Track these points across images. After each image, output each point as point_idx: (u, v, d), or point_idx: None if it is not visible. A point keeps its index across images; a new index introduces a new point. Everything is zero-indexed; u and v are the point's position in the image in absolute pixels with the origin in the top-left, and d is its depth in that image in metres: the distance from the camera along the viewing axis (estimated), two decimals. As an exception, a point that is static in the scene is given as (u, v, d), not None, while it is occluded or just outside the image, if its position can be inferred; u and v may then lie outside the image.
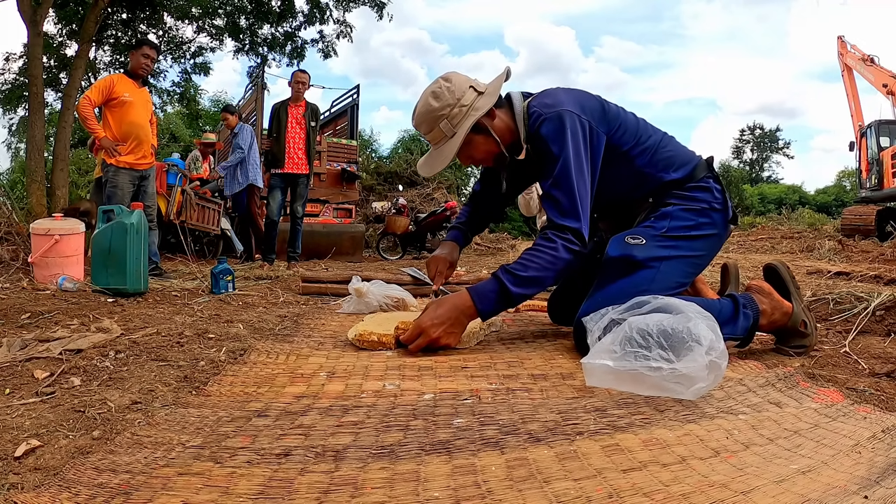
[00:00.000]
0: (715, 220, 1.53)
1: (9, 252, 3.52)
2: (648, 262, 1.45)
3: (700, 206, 1.52)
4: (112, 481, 0.71)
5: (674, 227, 1.49)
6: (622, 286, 1.43)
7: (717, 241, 1.58)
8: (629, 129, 1.56)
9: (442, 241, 1.91)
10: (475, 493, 0.70)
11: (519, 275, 1.43)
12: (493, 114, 1.55)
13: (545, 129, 1.48)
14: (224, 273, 2.73)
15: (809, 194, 29.05)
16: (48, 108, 11.28)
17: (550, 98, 1.54)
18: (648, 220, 1.54)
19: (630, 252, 1.46)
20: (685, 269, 1.50)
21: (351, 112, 8.59)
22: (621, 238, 1.51)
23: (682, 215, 1.51)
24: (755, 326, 1.43)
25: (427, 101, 1.53)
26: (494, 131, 1.55)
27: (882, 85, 10.20)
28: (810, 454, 0.82)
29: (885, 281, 3.03)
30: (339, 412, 1.00)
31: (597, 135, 1.50)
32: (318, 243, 6.23)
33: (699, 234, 1.51)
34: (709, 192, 1.54)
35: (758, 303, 1.44)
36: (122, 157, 3.55)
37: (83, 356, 1.33)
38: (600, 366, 1.14)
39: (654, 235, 1.49)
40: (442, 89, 1.51)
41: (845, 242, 6.93)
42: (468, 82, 1.54)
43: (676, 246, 1.48)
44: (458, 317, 1.45)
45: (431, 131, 1.55)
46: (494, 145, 1.56)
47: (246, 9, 11.88)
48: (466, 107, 1.51)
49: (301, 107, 4.78)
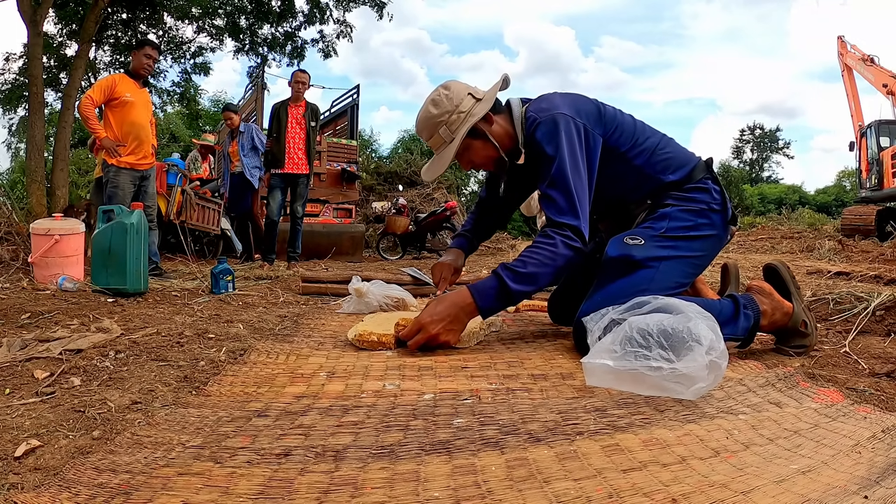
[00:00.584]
0: (714, 220, 1.54)
1: (9, 252, 3.52)
2: (647, 262, 1.45)
3: (699, 207, 1.53)
4: (112, 481, 0.71)
5: (672, 228, 1.50)
6: (621, 286, 1.43)
7: (716, 242, 1.58)
8: (626, 130, 1.57)
9: (447, 248, 1.94)
10: (475, 493, 0.70)
11: (518, 271, 1.44)
12: (491, 119, 1.57)
13: (540, 133, 1.50)
14: (224, 273, 2.73)
15: (809, 194, 29.07)
16: (48, 108, 11.29)
17: (546, 103, 1.56)
18: (647, 221, 1.54)
19: (629, 252, 1.47)
20: (684, 270, 1.50)
21: (351, 112, 8.60)
22: (620, 238, 1.51)
23: (681, 216, 1.51)
24: (756, 327, 1.43)
25: (427, 109, 1.57)
26: (493, 136, 1.57)
27: (882, 85, 10.20)
28: (810, 454, 0.82)
29: (885, 281, 3.03)
30: (339, 412, 1.00)
31: (592, 137, 1.51)
32: (318, 243, 6.23)
33: (698, 234, 1.51)
34: (707, 193, 1.55)
35: (758, 303, 1.44)
36: (122, 158, 3.56)
37: (83, 356, 1.33)
38: (600, 365, 1.14)
39: (652, 236, 1.49)
40: (441, 97, 1.55)
41: (845, 242, 6.93)
42: (467, 90, 1.57)
43: (675, 246, 1.48)
44: (457, 314, 1.46)
45: (432, 137, 1.59)
46: (493, 150, 1.58)
47: (246, 9, 11.88)
48: (464, 113, 1.54)
49: (301, 107, 4.78)
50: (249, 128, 5.44)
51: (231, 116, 5.55)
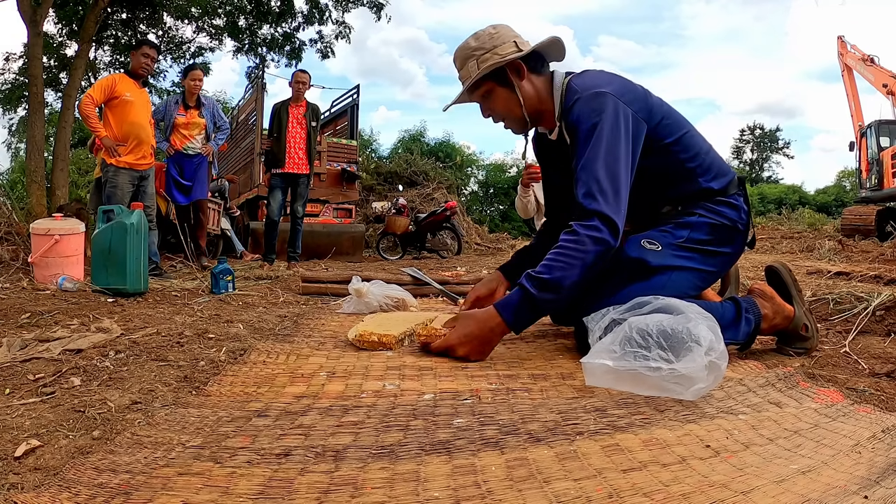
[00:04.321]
0: (735, 239, 1.51)
1: (9, 252, 3.52)
2: (662, 270, 1.42)
3: (723, 223, 1.48)
4: (112, 481, 0.71)
5: (693, 239, 1.46)
6: (632, 292, 1.37)
7: (730, 260, 1.55)
8: (673, 122, 1.49)
9: (489, 276, 1.85)
10: (475, 493, 0.70)
11: (542, 279, 1.32)
12: (525, 75, 1.51)
13: (580, 107, 1.41)
14: (224, 273, 2.73)
15: (809, 194, 29.03)
16: (48, 108, 11.30)
17: (591, 79, 1.49)
18: (669, 224, 1.49)
19: (645, 257, 1.43)
20: (695, 283, 1.47)
21: (351, 112, 8.60)
22: (637, 240, 1.46)
23: (704, 229, 1.47)
24: (756, 331, 1.42)
25: (467, 40, 1.53)
26: (520, 91, 1.51)
27: (882, 85, 10.20)
28: (810, 454, 0.82)
29: (885, 281, 3.03)
30: (339, 412, 1.00)
31: (637, 122, 1.41)
32: (318, 243, 6.23)
33: (715, 250, 1.48)
34: (736, 211, 1.50)
35: (760, 307, 1.42)
36: (122, 158, 3.56)
37: (83, 356, 1.33)
38: (600, 365, 1.14)
39: (670, 243, 1.45)
40: (485, 33, 1.51)
41: (845, 242, 6.93)
42: (514, 37, 1.50)
43: (692, 258, 1.45)
44: (486, 335, 1.37)
45: (461, 69, 1.54)
46: (517, 106, 1.52)
47: (245, 9, 11.88)
48: (499, 57, 1.48)
49: (302, 107, 4.78)
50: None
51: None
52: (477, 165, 24.09)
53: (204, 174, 4.55)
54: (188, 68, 4.63)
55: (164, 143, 4.37)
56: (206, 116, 4.48)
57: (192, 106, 4.41)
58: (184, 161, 4.43)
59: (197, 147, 4.42)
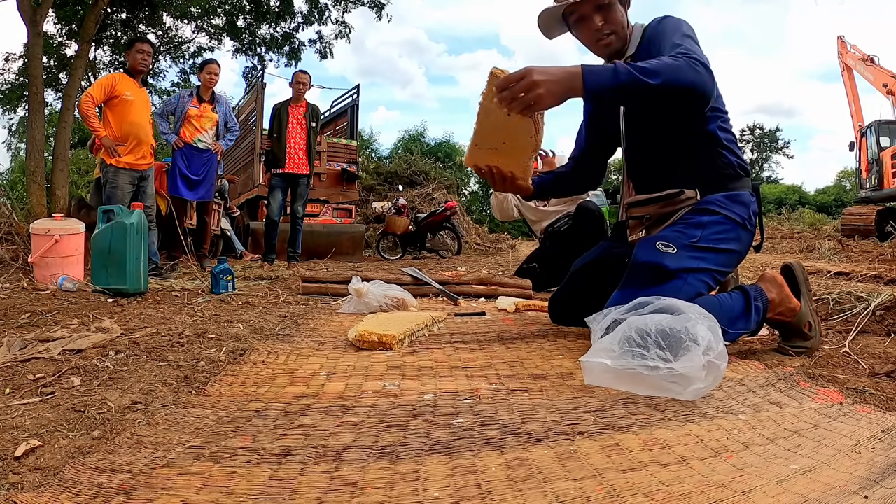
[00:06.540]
0: (743, 238, 1.53)
1: (9, 252, 3.52)
2: (678, 274, 1.43)
3: (735, 220, 1.50)
4: (112, 481, 0.71)
5: (706, 238, 1.47)
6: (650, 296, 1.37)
7: (738, 259, 1.57)
8: (721, 100, 1.55)
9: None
10: (475, 493, 0.70)
11: (635, 63, 1.32)
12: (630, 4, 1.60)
13: (668, 21, 1.50)
14: (224, 273, 2.73)
15: (809, 194, 29.02)
16: (48, 108, 11.28)
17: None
18: (680, 224, 1.51)
19: (661, 261, 1.43)
20: (708, 283, 1.49)
21: (351, 112, 8.59)
22: (652, 242, 1.48)
23: (716, 227, 1.49)
24: (764, 318, 1.45)
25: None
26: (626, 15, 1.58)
27: (882, 85, 10.20)
28: (810, 454, 0.82)
29: (885, 281, 3.03)
30: (339, 412, 1.00)
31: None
32: (318, 243, 6.23)
33: (727, 248, 1.50)
34: (746, 209, 1.53)
35: (766, 292, 1.45)
36: (121, 158, 3.56)
37: (83, 356, 1.33)
38: (598, 364, 1.14)
39: (685, 245, 1.46)
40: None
41: (845, 242, 6.93)
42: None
43: (705, 258, 1.46)
44: (563, 78, 1.29)
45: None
46: (624, 26, 1.57)
47: (245, 9, 11.89)
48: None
49: (302, 107, 4.79)
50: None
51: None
52: (477, 165, 24.04)
53: (213, 174, 4.48)
54: (204, 62, 4.59)
55: (173, 135, 4.29)
56: (219, 113, 4.43)
57: (207, 100, 4.36)
58: (192, 154, 4.33)
59: (207, 141, 4.36)
